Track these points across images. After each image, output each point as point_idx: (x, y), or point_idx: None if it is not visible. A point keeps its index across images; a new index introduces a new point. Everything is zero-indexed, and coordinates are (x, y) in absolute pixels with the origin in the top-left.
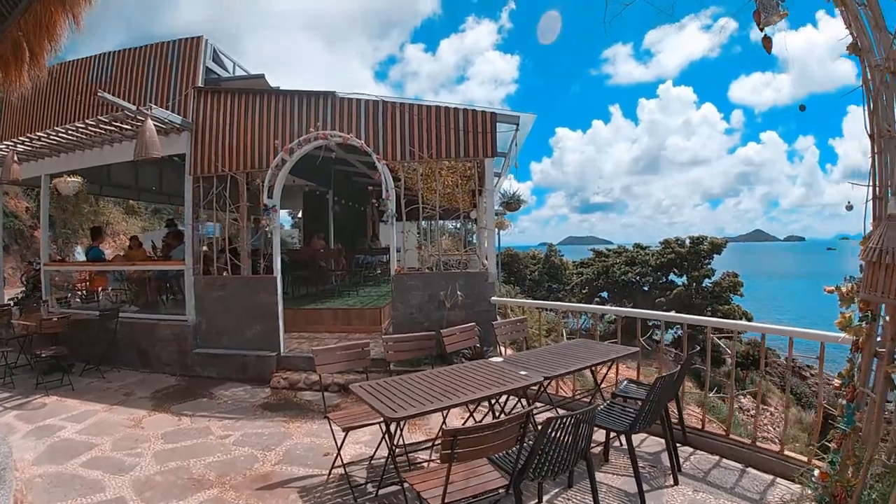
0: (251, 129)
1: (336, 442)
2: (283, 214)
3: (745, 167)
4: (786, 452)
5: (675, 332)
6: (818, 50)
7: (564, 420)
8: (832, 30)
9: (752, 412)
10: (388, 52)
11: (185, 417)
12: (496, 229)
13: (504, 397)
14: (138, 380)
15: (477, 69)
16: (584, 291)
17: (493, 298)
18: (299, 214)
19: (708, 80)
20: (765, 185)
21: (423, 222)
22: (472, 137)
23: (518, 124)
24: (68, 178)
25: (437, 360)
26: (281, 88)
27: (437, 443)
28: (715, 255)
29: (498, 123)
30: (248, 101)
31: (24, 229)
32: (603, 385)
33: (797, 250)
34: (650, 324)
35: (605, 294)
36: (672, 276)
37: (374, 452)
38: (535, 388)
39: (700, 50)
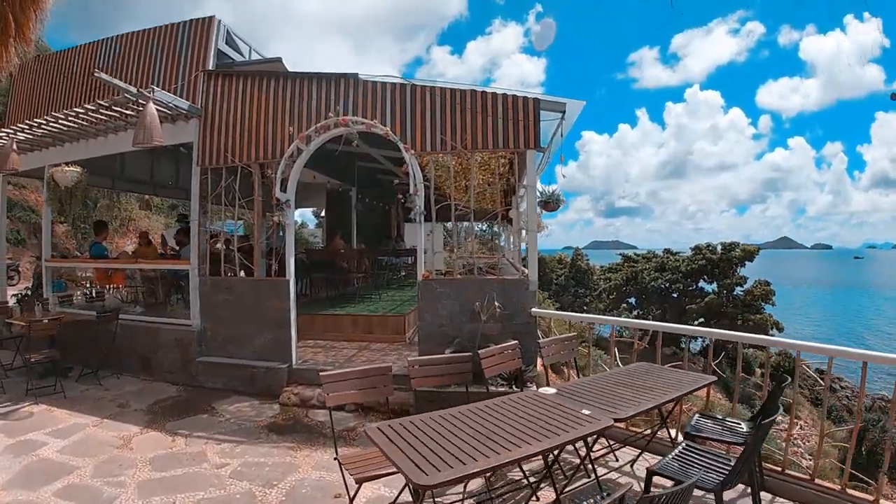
0: (265, 115)
1: (349, 491)
2: (307, 213)
3: (773, 173)
4: (882, 503)
5: (703, 342)
6: (846, 55)
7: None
8: (860, 35)
9: (784, 430)
10: (414, 53)
11: (179, 438)
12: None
13: None
14: (137, 389)
15: (503, 72)
16: (611, 297)
17: (533, 310)
18: (322, 213)
19: (735, 84)
20: (792, 191)
21: (448, 223)
22: (512, 126)
23: (564, 112)
24: (66, 168)
25: (471, 380)
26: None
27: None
28: (746, 263)
29: (541, 111)
30: (262, 86)
31: (41, 223)
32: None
33: (824, 258)
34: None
35: (632, 300)
36: (702, 283)
37: (397, 498)
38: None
39: (727, 54)
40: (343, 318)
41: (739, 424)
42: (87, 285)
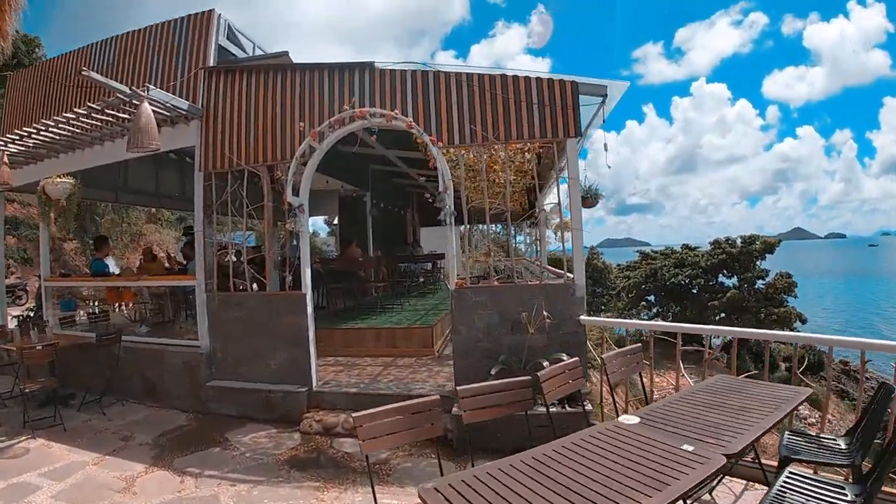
0: (272, 113)
1: None
2: (318, 221)
3: (783, 163)
4: None
5: (722, 338)
6: (850, 41)
7: None
8: (864, 20)
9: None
10: (418, 59)
11: (189, 478)
12: (556, 232)
13: None
14: (143, 417)
15: None
16: (630, 296)
17: (582, 318)
18: (335, 221)
19: (741, 76)
20: (803, 181)
21: (462, 226)
22: (549, 113)
23: (605, 95)
24: (57, 179)
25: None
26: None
27: None
28: (767, 255)
29: (580, 96)
30: (268, 81)
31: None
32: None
33: (838, 247)
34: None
35: (651, 298)
36: (721, 278)
37: None
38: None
39: (731, 46)
40: (365, 331)
41: (836, 441)
42: (94, 304)
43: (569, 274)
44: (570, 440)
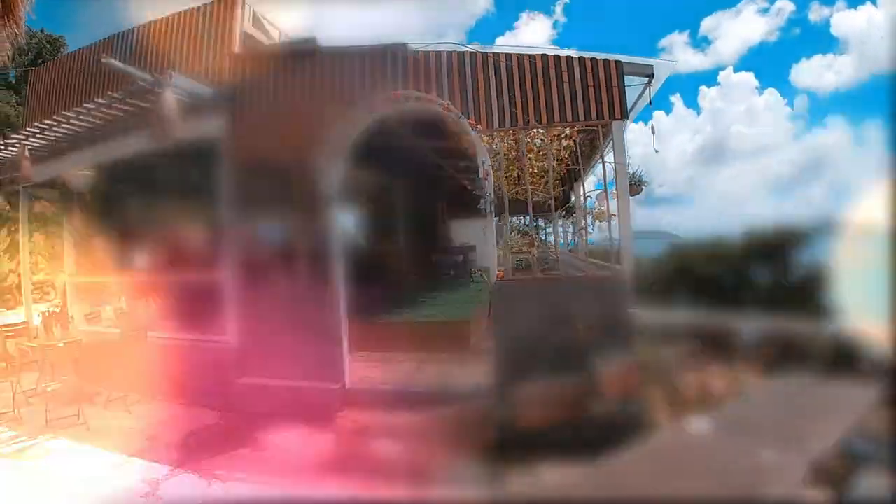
0: (301, 100)
1: None
2: (347, 214)
3: (812, 153)
4: None
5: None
6: (878, 28)
7: None
8: (892, 6)
9: None
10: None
11: (215, 483)
12: (595, 221)
13: None
14: (169, 416)
15: None
16: (660, 289)
17: (632, 311)
18: (364, 213)
19: (769, 64)
20: (833, 171)
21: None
22: (593, 94)
23: (652, 75)
24: (78, 172)
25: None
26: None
27: None
28: (799, 247)
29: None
30: (297, 66)
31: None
32: None
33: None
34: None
35: (682, 291)
36: (756, 270)
37: None
38: None
39: (758, 34)
40: (398, 325)
41: None
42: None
43: (617, 265)
44: (640, 447)
